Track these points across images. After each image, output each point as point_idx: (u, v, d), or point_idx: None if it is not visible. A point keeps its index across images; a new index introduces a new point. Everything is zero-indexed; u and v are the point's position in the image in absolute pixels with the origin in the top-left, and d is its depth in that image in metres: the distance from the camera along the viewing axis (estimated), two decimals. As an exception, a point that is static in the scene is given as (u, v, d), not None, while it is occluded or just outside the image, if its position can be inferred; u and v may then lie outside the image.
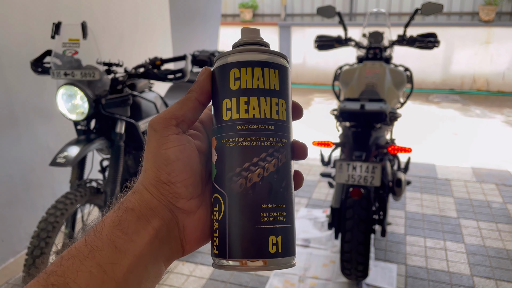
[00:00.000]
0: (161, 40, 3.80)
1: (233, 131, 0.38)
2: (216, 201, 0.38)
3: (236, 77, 0.38)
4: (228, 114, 0.38)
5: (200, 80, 0.39)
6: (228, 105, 0.38)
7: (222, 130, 0.38)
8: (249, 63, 0.38)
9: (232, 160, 0.37)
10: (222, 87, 0.39)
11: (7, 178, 2.36)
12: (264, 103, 0.38)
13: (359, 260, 2.14)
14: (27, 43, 2.40)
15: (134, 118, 2.23)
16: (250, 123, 0.37)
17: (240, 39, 0.41)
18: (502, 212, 3.23)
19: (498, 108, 7.11)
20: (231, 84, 0.38)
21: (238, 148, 0.37)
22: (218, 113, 0.39)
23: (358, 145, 2.16)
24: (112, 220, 0.35)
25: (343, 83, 2.79)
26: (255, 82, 0.38)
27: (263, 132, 0.38)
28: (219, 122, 0.39)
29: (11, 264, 2.43)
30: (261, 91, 0.38)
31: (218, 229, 0.37)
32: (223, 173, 0.38)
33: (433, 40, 2.73)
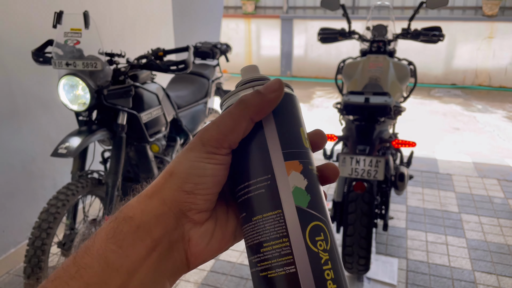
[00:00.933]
0: (163, 31, 3.77)
1: (312, 159, 0.38)
2: (318, 229, 0.34)
3: (299, 107, 0.40)
4: (307, 144, 0.38)
5: (268, 98, 0.35)
6: (304, 134, 0.38)
7: (307, 156, 0.37)
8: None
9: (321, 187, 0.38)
10: (297, 114, 0.39)
11: (8, 168, 2.35)
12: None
13: (361, 254, 2.13)
14: (28, 33, 2.38)
15: (136, 110, 2.22)
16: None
17: (243, 78, 0.40)
18: (504, 207, 3.23)
19: (500, 103, 7.09)
20: (301, 113, 0.39)
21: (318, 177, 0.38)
22: (296, 137, 0.37)
23: (362, 139, 2.15)
24: (106, 232, 0.32)
25: (346, 76, 2.77)
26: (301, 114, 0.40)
27: None
28: (300, 147, 0.37)
29: (12, 254, 2.43)
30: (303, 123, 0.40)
31: (329, 260, 0.34)
32: (321, 199, 0.36)
33: (437, 34, 2.71)
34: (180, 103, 2.76)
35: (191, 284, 2.29)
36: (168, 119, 2.54)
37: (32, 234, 1.81)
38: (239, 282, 2.31)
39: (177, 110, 2.69)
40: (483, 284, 2.33)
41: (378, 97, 2.13)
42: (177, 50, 2.34)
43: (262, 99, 0.35)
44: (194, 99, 2.93)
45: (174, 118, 2.68)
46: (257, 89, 0.36)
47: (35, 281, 1.44)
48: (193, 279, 2.32)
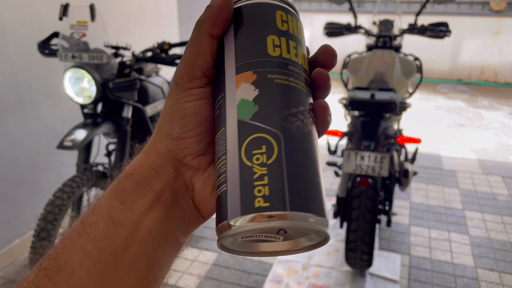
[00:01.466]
0: (168, 24, 3.77)
1: (286, 69, 0.33)
2: (260, 142, 0.30)
3: (284, 20, 0.35)
4: (277, 51, 0.33)
5: (212, 7, 0.33)
6: (276, 42, 0.34)
7: (269, 64, 0.33)
8: (293, 14, 0.37)
9: (286, 98, 0.32)
10: (265, 22, 0.34)
11: (13, 160, 2.37)
12: (305, 56, 0.36)
13: (364, 250, 2.14)
14: (34, 25, 2.38)
15: (141, 103, 2.22)
16: (300, 68, 0.34)
17: None
18: (508, 205, 3.22)
19: (506, 100, 7.04)
20: (278, 23, 0.34)
21: (293, 88, 0.33)
22: (258, 47, 0.33)
23: (367, 135, 2.14)
24: (109, 190, 0.32)
25: (352, 71, 2.76)
26: (299, 34, 0.36)
27: (306, 81, 0.35)
28: (262, 56, 0.33)
29: (16, 245, 2.45)
30: (303, 45, 0.36)
31: (267, 176, 0.29)
32: (274, 110, 0.31)
33: (444, 29, 2.69)
34: (185, 97, 2.76)
35: (194, 277, 2.30)
36: (173, 112, 2.54)
37: (38, 226, 1.82)
38: (242, 276, 2.32)
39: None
40: (485, 281, 2.33)
41: (383, 93, 2.13)
42: (183, 44, 2.34)
43: (210, 10, 0.32)
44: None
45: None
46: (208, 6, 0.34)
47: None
48: (196, 272, 2.34)
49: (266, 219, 0.28)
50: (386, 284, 2.28)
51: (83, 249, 0.28)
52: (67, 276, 0.27)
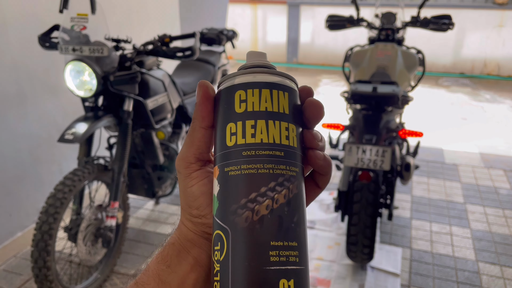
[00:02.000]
0: (169, 17, 3.75)
1: (238, 157, 0.34)
2: (217, 238, 0.33)
3: (242, 99, 0.35)
4: (233, 140, 0.34)
5: (197, 104, 0.37)
6: (233, 129, 0.34)
7: (226, 157, 0.34)
8: (256, 84, 0.35)
9: (237, 190, 0.33)
10: (226, 110, 0.36)
11: (15, 154, 2.37)
12: (272, 127, 0.34)
13: (365, 243, 2.14)
14: (35, 18, 2.37)
15: (142, 96, 2.21)
16: (257, 148, 0.34)
17: (246, 63, 0.38)
18: (509, 199, 3.21)
19: (509, 93, 7.01)
20: (236, 106, 0.35)
21: (244, 177, 0.33)
22: (221, 138, 0.35)
23: (369, 128, 2.14)
24: (157, 256, 0.39)
25: (354, 64, 2.74)
26: (263, 104, 0.35)
27: (271, 158, 0.34)
28: (223, 149, 0.35)
29: (19, 238, 2.46)
30: (269, 114, 0.35)
31: (219, 272, 0.32)
32: (226, 205, 0.33)
33: (447, 22, 2.67)
34: (186, 90, 2.75)
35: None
36: (174, 106, 2.53)
37: (40, 219, 1.83)
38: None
39: (183, 97, 2.68)
40: (486, 275, 2.34)
41: (386, 86, 2.11)
42: (184, 37, 2.33)
43: (197, 107, 0.38)
44: (200, 86, 2.92)
45: (180, 105, 2.67)
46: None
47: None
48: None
49: None
50: (387, 277, 2.29)
51: None
52: None
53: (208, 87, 0.37)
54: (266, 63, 0.38)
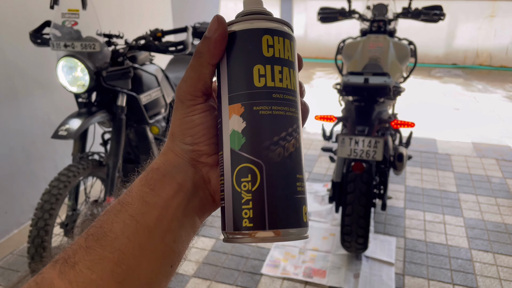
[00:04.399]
0: (161, 11, 3.73)
1: (269, 98, 0.37)
2: (246, 171, 0.36)
3: (270, 44, 0.37)
4: (262, 81, 0.37)
5: (212, 39, 0.37)
6: (261, 71, 0.37)
7: (254, 96, 0.37)
8: (281, 33, 0.38)
9: (270, 128, 0.36)
10: (251, 51, 0.37)
11: (8, 151, 2.36)
12: (292, 75, 0.38)
13: (359, 233, 2.16)
14: (26, 14, 2.35)
15: (135, 91, 2.21)
16: (284, 92, 0.37)
17: (251, 8, 0.40)
18: (502, 187, 3.25)
19: (500, 83, 7.06)
20: (264, 50, 0.37)
21: (276, 117, 0.37)
22: (245, 78, 0.37)
23: (361, 120, 2.15)
24: (140, 179, 0.39)
25: (346, 56, 2.76)
26: (286, 53, 0.38)
27: (293, 103, 0.38)
28: (249, 88, 0.37)
29: (15, 235, 2.46)
30: (289, 63, 0.38)
31: (251, 201, 0.36)
32: (258, 142, 0.36)
33: (438, 13, 2.69)
34: (179, 85, 2.75)
35: (192, 263, 2.32)
36: (168, 100, 2.53)
37: (35, 215, 1.83)
38: (239, 261, 2.35)
39: (177, 92, 2.68)
40: (479, 262, 2.37)
41: (377, 78, 2.13)
42: (176, 31, 2.32)
43: (208, 41, 0.37)
44: (193, 80, 2.92)
45: (174, 100, 2.67)
46: (204, 35, 0.38)
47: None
48: (195, 258, 2.36)
49: (251, 237, 0.36)
50: (381, 266, 2.32)
51: (123, 221, 0.35)
52: (111, 241, 0.34)
53: (226, 24, 0.38)
54: (270, 12, 0.40)
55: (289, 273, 2.27)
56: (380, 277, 2.23)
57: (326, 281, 2.21)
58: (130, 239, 0.35)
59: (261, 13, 0.39)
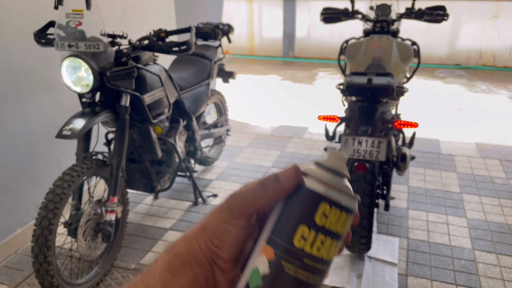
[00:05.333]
0: (165, 11, 3.74)
1: (299, 261, 0.37)
2: None
3: (325, 213, 0.38)
4: (301, 242, 0.37)
5: (285, 181, 0.40)
6: (305, 234, 0.38)
7: (287, 252, 0.38)
8: (341, 207, 0.38)
9: (285, 286, 0.38)
10: (304, 211, 0.38)
11: (13, 150, 2.38)
12: (333, 247, 0.39)
13: (362, 234, 2.16)
14: (30, 14, 2.37)
15: (138, 91, 2.22)
16: (316, 262, 0.38)
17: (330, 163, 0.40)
18: (505, 188, 3.25)
19: (504, 84, 7.04)
20: (317, 217, 0.38)
21: (295, 280, 0.38)
22: (288, 230, 0.38)
23: (364, 120, 2.15)
24: (163, 262, 0.43)
25: (349, 57, 2.75)
26: (337, 226, 0.38)
27: (320, 272, 0.39)
28: (287, 242, 0.38)
29: (19, 234, 2.47)
30: (336, 236, 0.38)
31: None
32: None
33: (441, 13, 2.68)
34: (183, 85, 2.76)
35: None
36: (171, 100, 2.54)
37: (39, 214, 1.84)
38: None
39: (180, 92, 2.69)
40: (482, 263, 2.37)
41: (380, 78, 2.13)
42: (179, 31, 2.33)
43: (278, 185, 0.40)
44: (196, 80, 2.93)
45: (177, 100, 2.68)
46: (277, 175, 0.40)
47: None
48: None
49: None
50: (384, 267, 2.32)
51: None
52: None
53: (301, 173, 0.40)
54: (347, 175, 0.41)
55: (292, 273, 2.27)
56: (383, 278, 2.23)
57: (329, 281, 2.21)
58: None
59: (337, 174, 0.39)
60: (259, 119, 5.01)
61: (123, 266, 2.34)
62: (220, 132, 3.47)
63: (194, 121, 2.84)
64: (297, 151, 3.96)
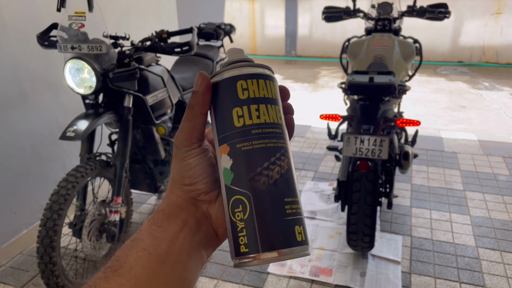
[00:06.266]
0: (166, 12, 3.76)
1: (249, 135, 0.41)
2: (238, 202, 0.41)
3: (244, 88, 0.42)
4: (241, 121, 0.42)
5: (200, 93, 0.43)
6: (239, 112, 0.42)
7: (236, 136, 0.42)
8: (254, 75, 0.43)
9: (253, 161, 0.41)
10: (229, 97, 0.43)
11: (18, 152, 2.39)
12: (271, 110, 0.43)
13: (365, 232, 2.17)
14: (33, 16, 2.38)
15: (141, 92, 2.23)
16: (263, 127, 0.42)
17: (232, 58, 0.45)
18: (509, 185, 3.24)
19: (507, 81, 7.01)
20: (239, 94, 0.42)
21: (257, 150, 0.41)
22: (227, 121, 0.42)
23: (366, 118, 2.16)
24: (148, 220, 0.44)
25: (351, 55, 2.76)
26: (261, 92, 0.43)
27: (274, 134, 0.42)
28: (231, 129, 0.42)
29: (24, 235, 2.49)
30: (266, 100, 0.43)
31: (244, 228, 0.40)
32: (244, 175, 0.41)
33: (443, 10, 2.68)
34: (185, 85, 2.77)
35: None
36: (174, 101, 2.55)
37: (44, 215, 1.86)
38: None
39: (182, 92, 2.70)
40: (486, 260, 2.37)
41: (382, 76, 2.13)
42: (181, 32, 2.34)
43: (197, 95, 0.43)
44: (198, 80, 2.94)
45: (180, 100, 2.69)
46: (193, 89, 0.44)
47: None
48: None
49: (249, 261, 0.40)
50: (388, 265, 2.32)
51: (136, 253, 0.40)
52: (127, 270, 0.39)
53: (209, 78, 0.44)
54: (250, 59, 0.45)
55: (296, 272, 2.28)
56: (386, 276, 2.24)
57: (332, 280, 2.21)
58: (144, 267, 0.39)
59: (239, 61, 0.44)
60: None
61: (127, 266, 2.35)
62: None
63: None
64: (300, 150, 3.96)
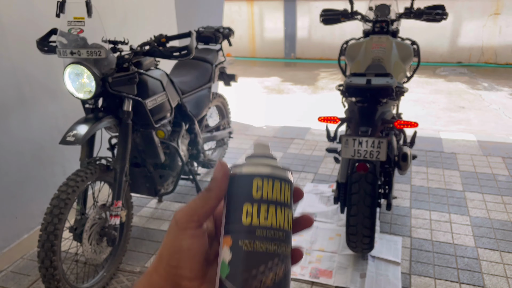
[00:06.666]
0: (165, 16, 3.77)
1: (252, 235, 0.41)
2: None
3: (259, 186, 0.42)
4: (249, 219, 0.41)
5: (219, 179, 0.43)
6: (249, 210, 0.41)
7: (240, 232, 0.41)
8: (272, 176, 0.43)
9: (250, 263, 0.40)
10: (243, 192, 0.42)
11: (18, 157, 2.41)
12: (280, 213, 0.42)
13: (365, 233, 2.17)
14: (32, 22, 2.40)
15: (140, 96, 2.24)
16: (268, 230, 0.41)
17: (256, 152, 0.46)
18: (508, 185, 3.25)
19: (506, 81, 7.03)
20: (254, 191, 0.42)
21: (256, 253, 0.41)
22: (236, 214, 0.42)
23: (364, 120, 2.17)
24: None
25: (349, 57, 2.77)
26: (275, 194, 0.42)
27: (277, 240, 0.42)
28: (238, 224, 0.42)
29: (25, 240, 2.50)
30: (278, 203, 0.42)
31: None
32: (239, 273, 0.40)
33: (440, 12, 2.70)
34: (184, 89, 2.78)
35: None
36: (173, 104, 2.56)
37: (44, 220, 1.87)
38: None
39: (182, 96, 2.71)
40: (486, 260, 2.37)
41: (380, 78, 2.14)
42: (180, 36, 2.35)
43: (215, 181, 0.43)
44: (198, 84, 2.95)
45: (179, 104, 2.70)
46: (212, 176, 0.44)
47: None
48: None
49: None
50: (388, 266, 2.33)
51: None
52: None
53: (227, 168, 0.44)
54: (273, 156, 0.46)
55: (296, 273, 2.28)
56: (386, 277, 2.24)
57: (332, 281, 2.22)
58: None
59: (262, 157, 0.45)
60: (261, 121, 5.03)
61: (128, 270, 2.36)
62: (222, 135, 3.49)
63: (196, 124, 2.87)
64: (299, 152, 3.97)
